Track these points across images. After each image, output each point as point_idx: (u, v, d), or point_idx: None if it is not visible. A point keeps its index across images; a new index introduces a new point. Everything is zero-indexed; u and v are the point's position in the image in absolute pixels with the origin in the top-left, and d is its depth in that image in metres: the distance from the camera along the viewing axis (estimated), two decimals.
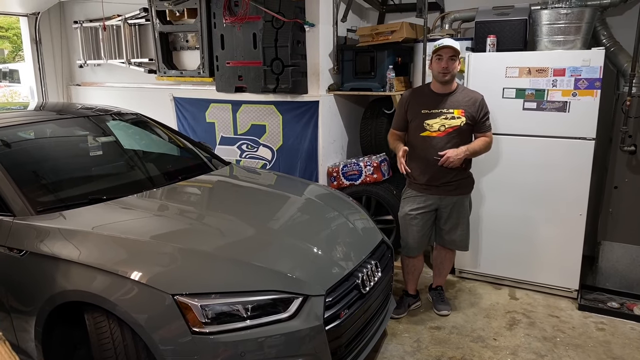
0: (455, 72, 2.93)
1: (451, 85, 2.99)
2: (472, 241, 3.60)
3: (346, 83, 4.20)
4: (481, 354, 2.87)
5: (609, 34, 3.60)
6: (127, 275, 1.99)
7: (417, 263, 3.29)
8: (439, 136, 2.96)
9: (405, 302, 3.34)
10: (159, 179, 3.01)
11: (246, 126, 4.47)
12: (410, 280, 3.34)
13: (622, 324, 3.20)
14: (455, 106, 2.96)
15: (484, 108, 2.99)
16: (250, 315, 1.98)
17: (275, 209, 2.82)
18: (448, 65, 2.88)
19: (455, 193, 3.06)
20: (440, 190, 3.04)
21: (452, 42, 2.89)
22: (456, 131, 2.94)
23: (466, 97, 2.98)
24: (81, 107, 3.63)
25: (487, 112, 3.01)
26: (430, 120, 2.97)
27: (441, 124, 2.95)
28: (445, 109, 2.96)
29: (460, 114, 2.94)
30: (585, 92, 3.22)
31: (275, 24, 3.94)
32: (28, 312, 2.19)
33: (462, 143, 2.96)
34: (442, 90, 2.99)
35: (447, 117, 2.95)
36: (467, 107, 2.95)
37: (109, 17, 5.21)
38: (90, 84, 5.72)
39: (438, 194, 3.05)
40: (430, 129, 2.97)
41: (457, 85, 3.03)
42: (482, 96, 3.01)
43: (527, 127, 3.38)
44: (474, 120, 2.96)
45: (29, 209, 2.35)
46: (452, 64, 2.89)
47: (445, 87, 2.98)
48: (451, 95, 2.98)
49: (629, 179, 3.37)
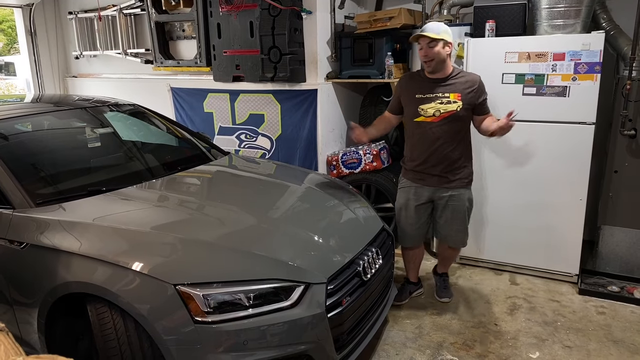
0: (440, 57, 2.77)
1: (445, 70, 2.85)
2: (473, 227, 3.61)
3: (344, 71, 4.18)
4: (482, 339, 2.89)
5: (608, 17, 3.57)
6: (128, 266, 1.99)
7: (417, 253, 3.27)
8: (433, 121, 2.86)
9: (407, 289, 3.34)
10: (158, 170, 3.00)
11: (244, 116, 4.45)
12: (410, 269, 3.34)
13: (623, 307, 3.22)
14: (451, 90, 2.84)
15: (483, 90, 2.87)
16: (252, 304, 1.98)
17: (275, 198, 2.82)
18: (427, 52, 2.76)
19: (450, 186, 2.95)
20: (434, 181, 2.96)
21: (427, 30, 2.75)
22: (452, 116, 2.83)
23: (463, 80, 2.86)
24: (78, 99, 3.62)
25: (485, 95, 2.89)
26: (425, 105, 2.86)
27: (436, 108, 2.84)
28: (440, 93, 2.85)
29: (457, 98, 2.83)
30: (585, 76, 3.21)
31: (272, 12, 3.90)
32: (30, 304, 2.20)
33: (459, 129, 2.88)
34: (436, 75, 2.87)
35: (442, 102, 2.83)
36: (463, 91, 2.83)
37: (104, 8, 5.16)
38: (87, 76, 5.69)
39: (432, 185, 2.97)
40: (425, 114, 2.87)
41: (453, 69, 2.89)
42: (479, 77, 2.88)
43: (527, 112, 3.36)
44: (472, 104, 2.85)
45: (28, 202, 2.35)
46: (432, 51, 2.75)
47: (438, 72, 2.86)
48: (447, 80, 2.86)
49: (629, 163, 3.36)
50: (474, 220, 3.47)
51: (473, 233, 3.64)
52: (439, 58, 2.79)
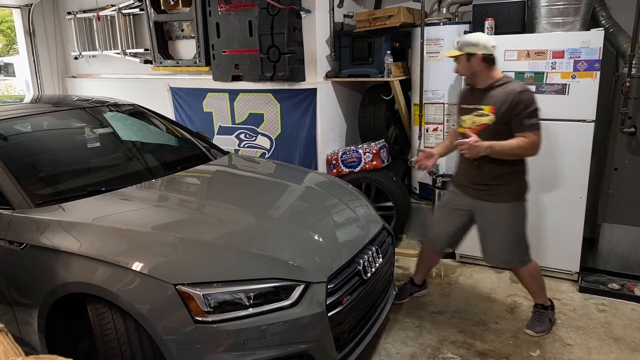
0: (467, 71, 2.70)
1: (483, 81, 2.70)
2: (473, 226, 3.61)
3: (344, 70, 4.17)
4: (483, 338, 2.89)
5: (608, 15, 3.56)
6: (128, 266, 1.99)
7: (430, 256, 3.21)
8: (470, 133, 2.72)
9: (408, 289, 3.30)
10: (157, 170, 3.00)
11: (244, 115, 4.45)
12: (419, 269, 3.29)
13: (623, 305, 3.21)
14: (487, 102, 2.68)
15: (519, 104, 2.57)
16: (252, 303, 1.98)
17: (275, 197, 2.82)
18: (457, 70, 2.75)
19: (488, 199, 2.76)
20: (470, 191, 2.83)
21: (452, 50, 2.74)
22: (485, 130, 2.66)
23: (502, 91, 2.64)
24: (77, 99, 3.61)
25: (524, 109, 2.57)
26: (464, 116, 2.78)
27: (472, 120, 2.73)
28: (478, 104, 2.71)
29: (490, 111, 2.65)
30: (584, 73, 3.20)
31: (271, 11, 3.90)
32: (30, 304, 2.20)
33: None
34: (479, 86, 2.73)
35: (477, 114, 2.71)
36: (497, 104, 2.62)
37: (103, 8, 5.15)
38: (86, 76, 5.69)
39: (472, 196, 2.83)
40: (464, 124, 2.78)
41: (499, 79, 2.69)
42: (519, 90, 2.59)
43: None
44: (505, 118, 2.61)
45: (27, 202, 2.34)
46: (456, 67, 2.74)
47: (477, 84, 2.73)
48: (488, 90, 2.69)
49: (629, 161, 3.36)
50: None
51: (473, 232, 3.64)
52: (467, 72, 2.72)
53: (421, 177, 4.31)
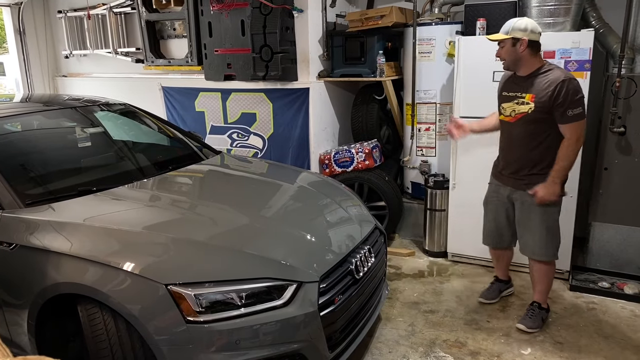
0: (511, 57, 2.66)
1: (525, 68, 2.68)
2: (464, 225, 3.62)
3: (336, 69, 4.18)
4: (475, 336, 2.90)
5: (598, 15, 3.59)
6: (119, 266, 1.97)
7: (498, 254, 3.21)
8: (510, 121, 2.77)
9: (497, 287, 3.30)
10: (149, 170, 2.98)
11: (236, 115, 4.44)
12: (496, 267, 3.31)
13: (613, 303, 3.24)
14: (528, 90, 2.66)
15: (561, 93, 2.53)
16: (244, 303, 1.98)
17: (268, 197, 2.81)
18: (497, 53, 2.73)
19: (526, 188, 2.78)
20: (510, 181, 2.86)
21: (497, 34, 2.68)
22: (524, 118, 2.68)
23: (544, 79, 2.61)
24: (68, 99, 3.58)
25: (568, 98, 2.53)
26: (505, 104, 2.79)
27: (512, 108, 2.73)
28: (519, 92, 2.71)
29: (530, 100, 2.64)
30: (575, 74, 3.18)
31: (263, 10, 3.89)
32: (20, 305, 2.18)
33: (534, 132, 2.69)
34: (520, 73, 2.73)
35: (518, 102, 2.71)
36: (539, 92, 2.61)
37: (94, 6, 5.12)
38: (77, 75, 5.65)
39: (510, 186, 2.87)
40: (505, 112, 2.80)
41: (541, 66, 2.67)
42: (563, 78, 2.55)
43: None
44: (546, 107, 2.59)
45: (17, 202, 2.33)
46: (500, 51, 2.70)
47: (519, 71, 2.72)
48: (528, 78, 2.69)
49: (619, 160, 3.39)
50: (466, 217, 3.48)
51: (465, 231, 3.66)
52: (510, 58, 2.69)
53: (414, 177, 4.32)
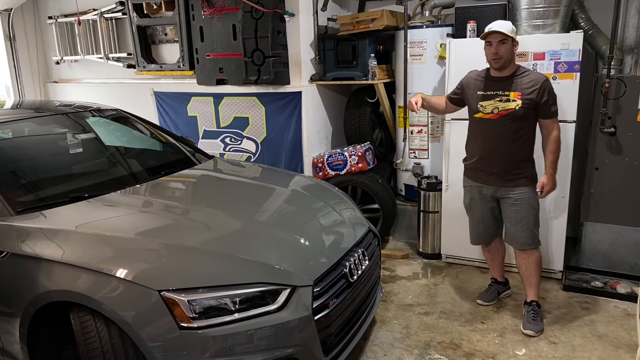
0: (508, 56, 2.78)
1: (509, 69, 2.83)
2: (458, 226, 3.63)
3: (328, 73, 4.19)
4: (469, 338, 2.91)
5: (587, 17, 3.62)
6: (112, 273, 1.96)
7: (492, 250, 3.25)
8: (491, 119, 2.86)
9: (495, 289, 3.32)
10: (141, 175, 2.97)
11: (229, 119, 4.43)
12: (493, 267, 3.33)
13: (606, 302, 3.26)
14: (512, 88, 2.80)
15: (546, 91, 2.76)
16: (238, 308, 1.97)
17: (261, 201, 2.81)
18: (498, 50, 2.76)
19: (511, 185, 2.90)
20: (492, 179, 2.94)
21: (500, 26, 2.74)
22: (510, 115, 2.80)
23: (527, 79, 2.80)
24: (60, 105, 3.57)
25: (551, 97, 2.78)
26: (484, 102, 2.87)
27: (494, 106, 2.84)
28: (501, 91, 2.83)
29: (516, 97, 2.79)
30: (564, 75, 3.25)
31: (255, 15, 3.89)
32: (11, 313, 2.16)
33: (518, 128, 2.83)
34: (499, 74, 2.86)
35: (501, 100, 2.82)
36: (524, 90, 2.78)
37: (84, 12, 5.10)
38: (68, 81, 5.62)
39: (493, 184, 2.95)
40: (484, 110, 2.88)
41: (518, 68, 2.86)
42: (545, 78, 2.80)
43: None
44: (533, 104, 2.77)
45: (8, 210, 2.31)
46: (503, 48, 2.76)
47: (502, 71, 2.85)
48: (510, 78, 2.83)
49: (609, 160, 3.42)
50: (459, 219, 3.49)
51: (458, 232, 3.67)
52: (508, 56, 2.79)
53: (407, 179, 4.33)
